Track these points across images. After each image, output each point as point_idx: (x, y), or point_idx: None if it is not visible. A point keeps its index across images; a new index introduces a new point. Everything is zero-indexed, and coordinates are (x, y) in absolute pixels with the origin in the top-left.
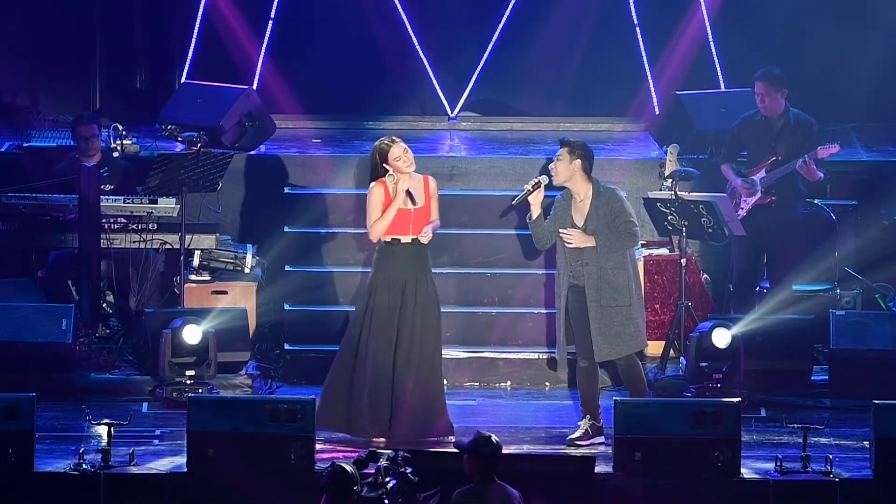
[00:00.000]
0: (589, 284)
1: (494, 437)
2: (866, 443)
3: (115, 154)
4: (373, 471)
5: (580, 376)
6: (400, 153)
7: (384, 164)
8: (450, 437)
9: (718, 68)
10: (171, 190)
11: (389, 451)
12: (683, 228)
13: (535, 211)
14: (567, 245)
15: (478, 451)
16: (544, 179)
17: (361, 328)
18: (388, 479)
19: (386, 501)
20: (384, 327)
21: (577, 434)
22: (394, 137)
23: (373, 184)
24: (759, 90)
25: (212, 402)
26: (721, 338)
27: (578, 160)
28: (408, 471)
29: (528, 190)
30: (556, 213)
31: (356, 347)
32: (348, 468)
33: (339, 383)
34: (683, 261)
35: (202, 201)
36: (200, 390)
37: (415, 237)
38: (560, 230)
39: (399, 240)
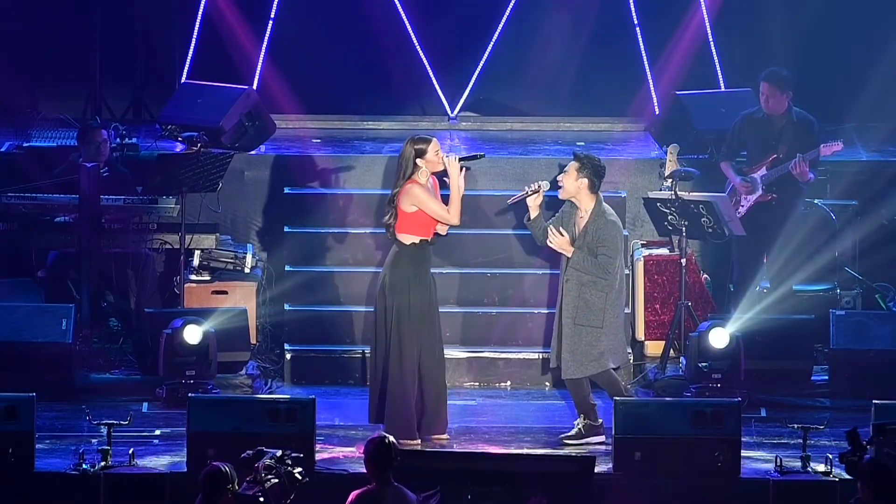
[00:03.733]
0: (567, 301)
1: (388, 439)
2: None
3: (116, 154)
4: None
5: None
6: (439, 148)
7: (417, 160)
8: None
9: (718, 68)
10: (171, 190)
11: (276, 450)
12: (683, 228)
13: (534, 212)
14: (549, 242)
15: (370, 454)
16: (545, 185)
17: (408, 328)
18: (268, 478)
19: (261, 500)
20: (430, 325)
21: (569, 433)
22: (426, 136)
23: (410, 186)
24: (763, 90)
25: (212, 402)
26: (719, 338)
27: (585, 179)
28: (296, 470)
29: (527, 192)
30: (561, 217)
31: (401, 349)
32: (224, 468)
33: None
34: (683, 261)
35: (202, 201)
36: (200, 390)
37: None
38: (551, 227)
39: (428, 241)
